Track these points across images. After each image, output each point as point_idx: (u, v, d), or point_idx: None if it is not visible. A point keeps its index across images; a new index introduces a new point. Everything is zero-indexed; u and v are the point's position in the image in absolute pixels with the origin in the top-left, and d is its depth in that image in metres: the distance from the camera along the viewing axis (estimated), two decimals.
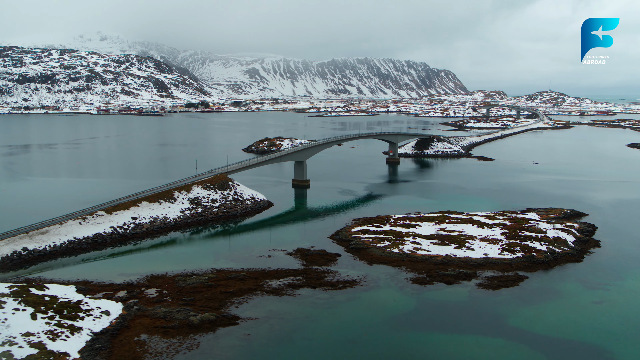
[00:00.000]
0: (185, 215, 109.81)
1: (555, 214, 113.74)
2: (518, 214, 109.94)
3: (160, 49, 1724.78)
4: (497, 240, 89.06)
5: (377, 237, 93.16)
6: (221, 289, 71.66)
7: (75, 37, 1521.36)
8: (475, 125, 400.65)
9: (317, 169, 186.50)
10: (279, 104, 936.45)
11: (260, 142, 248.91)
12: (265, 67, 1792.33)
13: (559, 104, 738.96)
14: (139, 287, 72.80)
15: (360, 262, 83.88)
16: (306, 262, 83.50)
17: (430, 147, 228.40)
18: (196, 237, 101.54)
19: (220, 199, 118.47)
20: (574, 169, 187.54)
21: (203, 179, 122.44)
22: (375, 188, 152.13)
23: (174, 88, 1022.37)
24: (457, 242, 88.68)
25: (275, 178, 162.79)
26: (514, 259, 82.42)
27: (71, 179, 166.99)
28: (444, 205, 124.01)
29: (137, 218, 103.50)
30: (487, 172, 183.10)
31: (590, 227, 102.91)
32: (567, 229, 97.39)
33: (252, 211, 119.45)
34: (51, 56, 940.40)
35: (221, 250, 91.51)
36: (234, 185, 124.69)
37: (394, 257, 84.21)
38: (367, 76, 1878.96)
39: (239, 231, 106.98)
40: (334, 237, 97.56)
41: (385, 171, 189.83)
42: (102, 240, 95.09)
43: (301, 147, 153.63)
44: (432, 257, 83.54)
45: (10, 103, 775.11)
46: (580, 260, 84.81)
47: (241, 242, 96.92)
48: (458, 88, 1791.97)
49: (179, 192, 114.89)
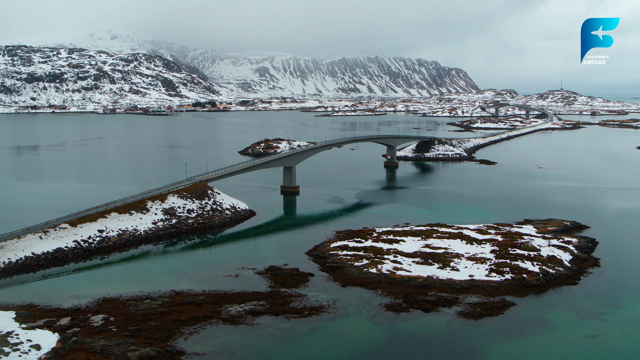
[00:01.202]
0: (158, 227, 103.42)
1: (554, 226, 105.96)
2: (513, 227, 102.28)
3: (171, 47, 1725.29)
4: (486, 260, 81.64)
5: (356, 254, 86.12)
6: (173, 317, 65.08)
7: (86, 36, 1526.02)
8: (482, 126, 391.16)
9: (311, 173, 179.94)
10: (287, 103, 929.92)
11: (257, 145, 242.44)
12: (275, 66, 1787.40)
13: (570, 103, 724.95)
14: (86, 313, 66.44)
15: (333, 283, 76.92)
16: (274, 284, 76.71)
17: (431, 150, 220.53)
18: (164, 252, 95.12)
19: (197, 209, 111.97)
20: (579, 174, 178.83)
21: (180, 187, 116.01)
22: (368, 195, 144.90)
23: (183, 87, 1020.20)
24: (441, 261, 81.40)
25: (264, 184, 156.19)
26: (502, 281, 75.02)
27: (53, 184, 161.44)
28: (436, 216, 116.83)
29: (104, 231, 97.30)
30: (487, 177, 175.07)
31: (590, 243, 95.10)
32: (564, 246, 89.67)
33: (232, 222, 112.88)
34: (60, 55, 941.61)
35: (187, 267, 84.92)
36: (213, 194, 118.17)
37: (370, 278, 77.17)
38: (378, 75, 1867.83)
39: (212, 245, 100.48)
40: (311, 253, 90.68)
41: (382, 176, 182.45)
42: (63, 255, 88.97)
43: (290, 152, 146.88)
44: (412, 278, 76.36)
45: (19, 102, 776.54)
46: (576, 283, 77.17)
47: (210, 258, 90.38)
48: (469, 86, 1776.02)
49: (153, 202, 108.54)
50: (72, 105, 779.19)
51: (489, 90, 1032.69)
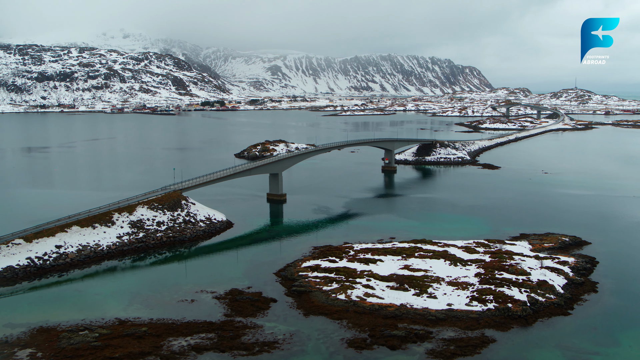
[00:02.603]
0: (122, 242, 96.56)
1: (551, 242, 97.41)
2: (505, 244, 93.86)
3: (183, 46, 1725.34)
4: (468, 285, 73.53)
5: (326, 276, 78.46)
6: (107, 353, 57.98)
7: (99, 35, 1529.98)
8: (491, 126, 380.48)
9: (302, 179, 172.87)
10: (297, 102, 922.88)
11: (253, 147, 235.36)
12: (287, 64, 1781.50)
13: (584, 102, 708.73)
14: (13, 347, 59.70)
15: (296, 311, 69.38)
16: (231, 311, 69.34)
17: (433, 153, 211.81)
18: (123, 271, 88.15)
19: (168, 221, 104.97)
20: (586, 181, 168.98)
21: (151, 197, 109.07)
22: (358, 205, 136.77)
23: (193, 86, 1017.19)
24: (418, 286, 73.44)
25: (251, 191, 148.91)
26: (483, 312, 66.92)
27: (35, 190, 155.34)
28: (426, 229, 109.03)
29: (62, 246, 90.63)
30: (488, 183, 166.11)
31: (589, 263, 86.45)
32: (559, 268, 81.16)
33: (205, 235, 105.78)
34: (70, 54, 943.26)
35: (142, 289, 77.86)
36: (188, 205, 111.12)
37: (337, 305, 69.50)
38: (390, 73, 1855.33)
39: (177, 262, 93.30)
40: (280, 274, 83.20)
41: (378, 182, 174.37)
42: (13, 274, 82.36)
43: (275, 158, 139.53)
44: (383, 307, 68.56)
45: (29, 101, 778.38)
46: (568, 313, 68.80)
47: (169, 279, 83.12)
48: (483, 85, 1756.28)
49: (120, 214, 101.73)
50: (82, 104, 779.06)
51: (502, 88, 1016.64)
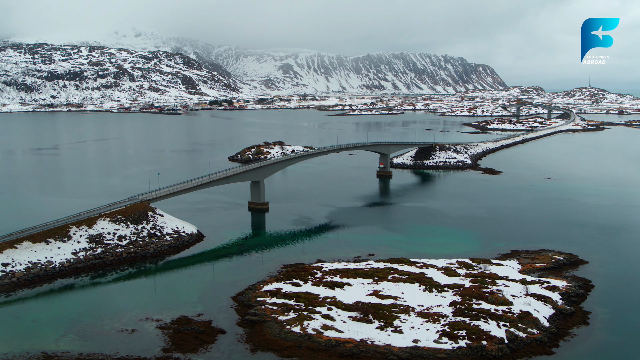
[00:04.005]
0: (78, 259, 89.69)
1: (544, 262, 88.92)
2: (491, 264, 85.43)
3: (195, 44, 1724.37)
4: (440, 317, 65.46)
5: (285, 302, 70.83)
6: None
7: (110, 34, 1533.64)
8: (499, 127, 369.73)
9: (292, 184, 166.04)
10: (306, 101, 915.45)
11: (247, 150, 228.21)
12: (299, 63, 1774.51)
13: (598, 101, 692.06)
14: None
15: (243, 346, 61.91)
16: (171, 345, 62.03)
17: (432, 157, 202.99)
18: (71, 292, 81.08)
19: (130, 235, 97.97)
20: (591, 188, 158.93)
21: (115, 209, 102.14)
22: (342, 215, 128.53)
23: (203, 84, 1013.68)
24: (384, 317, 65.53)
25: (234, 198, 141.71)
26: (453, 350, 58.90)
27: (9, 197, 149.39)
28: (409, 244, 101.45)
29: (9, 264, 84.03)
30: (486, 191, 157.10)
31: (583, 288, 77.90)
32: (547, 295, 72.70)
33: (171, 249, 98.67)
34: (80, 53, 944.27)
35: (82, 317, 70.70)
36: (154, 216, 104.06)
37: (290, 340, 61.86)
38: (403, 71, 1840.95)
39: (132, 280, 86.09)
40: (237, 298, 75.72)
41: (370, 188, 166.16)
42: None
43: (257, 164, 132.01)
44: (340, 342, 60.81)
45: (39, 100, 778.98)
46: (552, 352, 60.54)
47: (116, 302, 75.91)
48: (496, 83, 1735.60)
49: (78, 228, 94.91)
50: (90, 103, 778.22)
51: (514, 87, 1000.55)
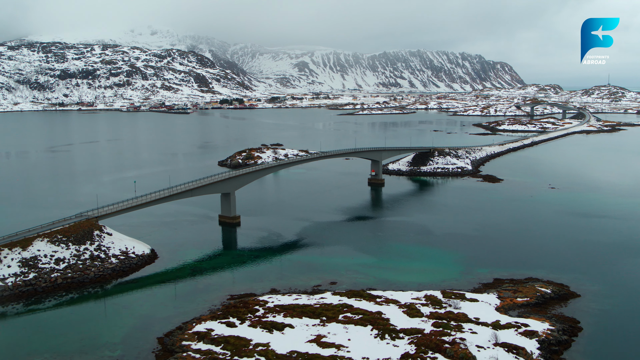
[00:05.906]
0: (5, 286, 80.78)
1: (527, 296, 77.67)
2: (464, 300, 74.43)
3: (211, 42, 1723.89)
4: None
5: (211, 349, 60.93)
6: None
7: (126, 32, 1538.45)
8: (509, 128, 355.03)
9: (274, 193, 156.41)
10: (318, 100, 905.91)
11: (238, 154, 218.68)
12: (314, 60, 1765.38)
13: (617, 99, 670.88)
14: None
15: None
16: None
17: (429, 162, 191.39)
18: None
19: (70, 257, 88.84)
20: (598, 200, 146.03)
21: (57, 228, 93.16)
22: (317, 231, 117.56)
23: (215, 83, 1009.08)
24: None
25: (205, 210, 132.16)
26: None
27: None
28: (379, 270, 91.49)
29: None
30: (481, 202, 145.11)
31: (567, 333, 66.60)
32: (520, 345, 61.55)
33: (115, 273, 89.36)
34: (93, 51, 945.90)
35: None
36: (101, 236, 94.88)
37: None
38: (419, 69, 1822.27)
39: (55, 312, 76.45)
40: (163, 340, 65.97)
41: (358, 198, 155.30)
42: None
43: (227, 175, 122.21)
44: None
45: (51, 99, 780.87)
46: None
47: (26, 344, 66.45)
48: (514, 81, 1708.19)
49: (10, 250, 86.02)
50: (102, 101, 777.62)
51: (532, 85, 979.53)
